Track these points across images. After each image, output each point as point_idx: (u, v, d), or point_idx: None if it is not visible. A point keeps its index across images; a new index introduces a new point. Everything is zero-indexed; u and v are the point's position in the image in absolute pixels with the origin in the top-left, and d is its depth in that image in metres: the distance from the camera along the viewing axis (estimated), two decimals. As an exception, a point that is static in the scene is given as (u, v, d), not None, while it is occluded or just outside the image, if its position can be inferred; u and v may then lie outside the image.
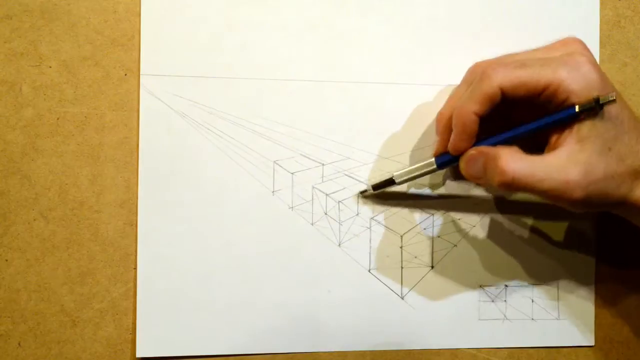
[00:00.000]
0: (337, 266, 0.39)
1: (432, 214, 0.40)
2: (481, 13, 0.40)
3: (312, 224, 0.39)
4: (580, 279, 0.41)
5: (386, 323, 0.40)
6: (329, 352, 0.39)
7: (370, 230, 0.40)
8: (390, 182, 0.38)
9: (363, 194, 0.39)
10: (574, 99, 0.31)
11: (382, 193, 0.39)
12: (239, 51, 0.39)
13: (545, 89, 0.32)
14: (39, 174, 0.38)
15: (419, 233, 0.40)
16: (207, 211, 0.38)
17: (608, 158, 0.31)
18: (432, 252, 0.40)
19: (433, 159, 0.36)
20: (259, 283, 0.39)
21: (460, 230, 0.40)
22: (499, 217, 0.41)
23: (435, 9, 0.40)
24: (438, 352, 0.40)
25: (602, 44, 0.41)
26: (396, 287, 0.40)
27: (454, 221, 0.40)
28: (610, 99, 0.30)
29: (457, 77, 0.40)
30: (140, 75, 0.38)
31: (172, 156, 0.38)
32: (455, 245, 0.40)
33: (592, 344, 0.41)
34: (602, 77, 0.32)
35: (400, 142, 0.40)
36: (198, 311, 0.38)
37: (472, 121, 0.33)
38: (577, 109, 0.31)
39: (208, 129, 0.38)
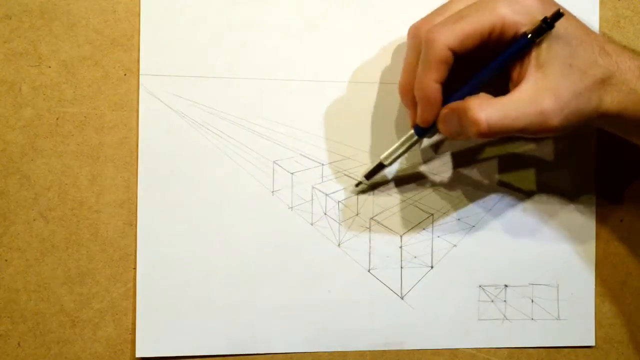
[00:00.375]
0: (337, 266, 0.39)
1: (432, 214, 0.40)
2: (481, 13, 0.40)
3: (311, 224, 0.39)
4: (580, 279, 0.41)
5: (386, 323, 0.40)
6: (329, 352, 0.39)
7: (370, 230, 0.40)
8: (380, 166, 0.37)
9: (357, 186, 0.39)
10: (522, 28, 0.31)
11: (380, 191, 0.39)
12: (239, 51, 0.39)
13: (491, 31, 0.31)
14: (39, 174, 0.38)
15: (418, 233, 0.40)
16: (207, 211, 0.38)
17: (572, 75, 0.31)
18: (432, 252, 0.40)
19: (412, 131, 0.36)
20: (259, 283, 0.39)
21: (460, 230, 0.40)
22: (499, 217, 0.41)
23: (434, 8, 0.40)
24: (438, 352, 0.40)
25: (602, 44, 0.41)
26: (396, 287, 0.40)
27: (454, 221, 0.40)
28: (558, 14, 0.30)
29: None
30: (140, 75, 0.38)
31: (172, 156, 0.38)
32: (455, 245, 0.40)
33: (592, 344, 0.41)
34: None
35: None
36: (198, 311, 0.38)
37: (434, 90, 0.33)
38: (529, 36, 0.31)
39: (208, 129, 0.38)
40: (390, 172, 0.40)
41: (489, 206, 0.41)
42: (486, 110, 0.31)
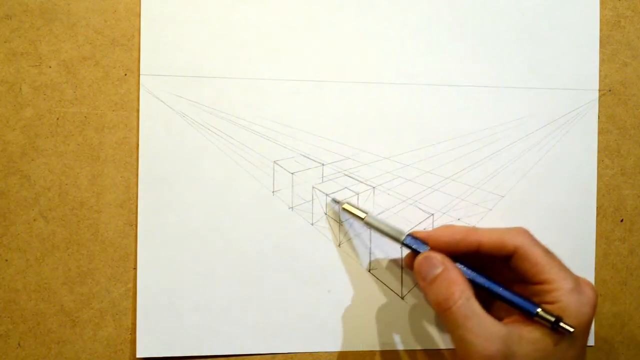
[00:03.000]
0: (337, 266, 0.39)
1: (432, 214, 0.40)
2: (481, 13, 0.40)
3: (312, 224, 0.39)
4: (580, 279, 0.41)
5: (386, 323, 0.40)
6: (329, 352, 0.39)
7: (370, 230, 0.40)
8: (359, 218, 0.37)
9: (336, 203, 0.39)
10: (556, 306, 0.31)
11: (380, 191, 0.39)
12: (239, 51, 0.39)
13: (544, 282, 0.32)
14: (39, 174, 0.38)
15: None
16: (207, 211, 0.38)
17: None
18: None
19: (405, 235, 0.35)
20: (258, 283, 0.39)
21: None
22: (499, 218, 0.41)
23: (435, 8, 0.40)
24: (438, 352, 0.40)
25: (602, 44, 0.41)
26: (396, 287, 0.40)
27: (454, 221, 0.40)
28: (568, 329, 0.30)
29: (457, 77, 0.40)
30: (140, 75, 0.38)
31: (172, 156, 0.38)
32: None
33: (592, 344, 0.41)
34: (591, 317, 0.32)
35: (400, 142, 0.40)
36: (198, 311, 0.38)
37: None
38: (537, 310, 0.31)
39: (208, 129, 0.38)
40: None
41: (489, 206, 0.41)
42: (467, 301, 0.31)
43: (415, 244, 0.35)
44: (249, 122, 0.39)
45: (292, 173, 0.39)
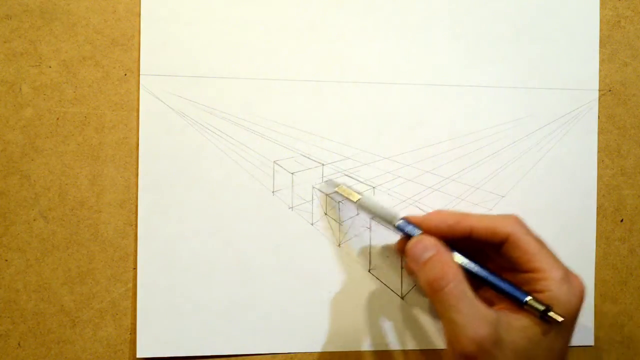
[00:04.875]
0: (337, 266, 0.39)
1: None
2: (481, 13, 0.40)
3: (312, 224, 0.39)
4: (580, 279, 0.41)
5: (386, 323, 0.40)
6: (329, 352, 0.39)
7: (370, 230, 0.40)
8: (352, 201, 0.37)
9: (321, 185, 0.39)
10: (546, 295, 0.31)
11: (380, 191, 0.39)
12: (239, 51, 0.39)
13: (534, 271, 0.32)
14: (39, 174, 0.38)
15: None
16: (207, 211, 0.38)
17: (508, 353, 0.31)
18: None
19: (400, 219, 0.35)
20: (258, 283, 0.39)
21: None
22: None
23: (435, 8, 0.40)
24: (438, 352, 0.40)
25: (602, 44, 0.41)
26: (396, 287, 0.40)
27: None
28: (557, 319, 0.30)
29: (457, 77, 0.40)
30: (140, 75, 0.38)
31: (172, 156, 0.38)
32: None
33: (592, 344, 0.41)
34: (580, 308, 0.32)
35: (400, 142, 0.40)
36: (198, 311, 0.38)
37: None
38: (527, 299, 0.31)
39: (208, 129, 0.38)
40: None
41: (489, 206, 0.41)
42: (460, 284, 0.31)
43: (408, 227, 0.35)
44: (249, 122, 0.39)
45: (292, 173, 0.39)
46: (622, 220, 0.42)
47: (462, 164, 0.40)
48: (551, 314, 0.30)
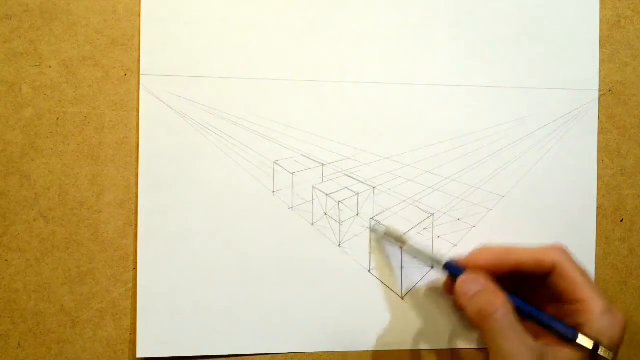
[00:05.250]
0: (337, 266, 0.39)
1: (432, 214, 0.40)
2: (481, 13, 0.40)
3: (312, 224, 0.39)
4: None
5: (386, 323, 0.40)
6: (329, 352, 0.39)
7: (370, 230, 0.40)
8: (398, 245, 0.38)
9: (373, 229, 0.39)
10: (589, 327, 0.32)
11: (380, 191, 0.39)
12: (239, 51, 0.39)
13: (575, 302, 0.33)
14: (39, 174, 0.38)
15: (419, 233, 0.40)
16: (207, 211, 0.38)
17: None
18: (432, 252, 0.40)
19: (445, 262, 0.36)
20: (258, 283, 0.39)
21: (460, 230, 0.40)
22: (499, 218, 0.41)
23: (435, 8, 0.40)
24: (438, 352, 0.40)
25: (602, 44, 0.41)
26: (396, 287, 0.40)
27: (454, 221, 0.40)
28: (607, 357, 0.31)
29: (457, 77, 0.40)
30: (140, 75, 0.38)
31: (172, 156, 0.38)
32: (456, 245, 0.40)
33: (592, 344, 0.41)
34: (621, 341, 0.32)
35: (400, 142, 0.40)
36: (198, 311, 0.38)
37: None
38: (578, 338, 0.31)
39: (208, 129, 0.38)
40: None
41: (489, 206, 0.41)
42: (506, 316, 0.32)
43: (455, 267, 0.36)
44: (249, 122, 0.39)
45: (292, 173, 0.39)
46: (622, 220, 0.42)
47: (462, 164, 0.40)
48: (601, 351, 0.31)
